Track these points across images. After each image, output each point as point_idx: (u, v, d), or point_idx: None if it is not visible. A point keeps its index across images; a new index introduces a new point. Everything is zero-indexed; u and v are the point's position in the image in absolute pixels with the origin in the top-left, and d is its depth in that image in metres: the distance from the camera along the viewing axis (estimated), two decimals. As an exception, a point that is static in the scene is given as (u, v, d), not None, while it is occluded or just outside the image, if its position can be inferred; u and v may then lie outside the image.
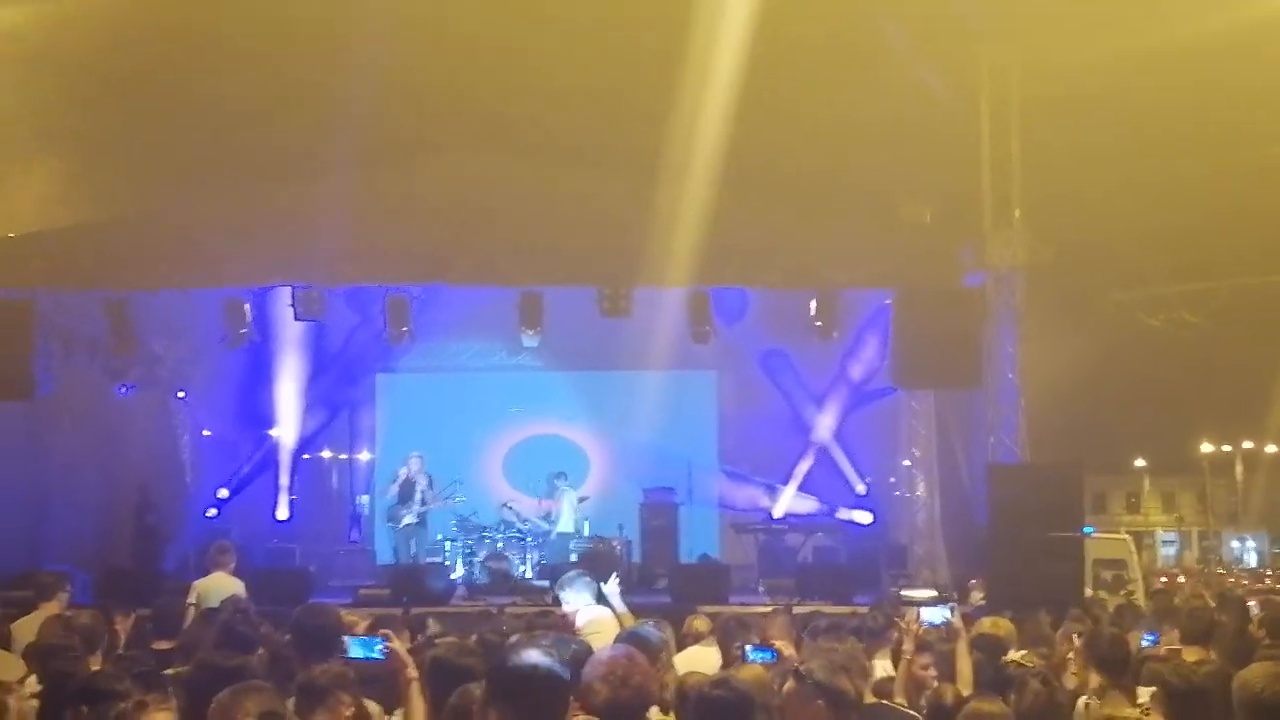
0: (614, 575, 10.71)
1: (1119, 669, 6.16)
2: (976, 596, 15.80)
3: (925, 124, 16.52)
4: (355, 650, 6.05)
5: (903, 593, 16.85)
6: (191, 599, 11.30)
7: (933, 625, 7.06)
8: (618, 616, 10.06)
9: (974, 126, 16.91)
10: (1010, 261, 16.99)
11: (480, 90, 15.63)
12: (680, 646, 8.83)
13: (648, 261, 16.09)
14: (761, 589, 17.90)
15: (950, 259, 17.73)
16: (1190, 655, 7.79)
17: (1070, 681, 6.93)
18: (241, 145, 16.40)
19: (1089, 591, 17.56)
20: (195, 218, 17.11)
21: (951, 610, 7.23)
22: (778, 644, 7.67)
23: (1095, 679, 6.22)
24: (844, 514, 20.71)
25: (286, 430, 20.78)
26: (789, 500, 20.99)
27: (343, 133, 15.39)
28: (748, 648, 7.36)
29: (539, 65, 15.23)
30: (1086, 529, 20.37)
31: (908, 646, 7.02)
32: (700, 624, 9.56)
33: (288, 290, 17.89)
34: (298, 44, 14.99)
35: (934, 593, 17.36)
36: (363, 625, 7.69)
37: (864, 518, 20.61)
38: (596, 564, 15.84)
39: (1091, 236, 18.83)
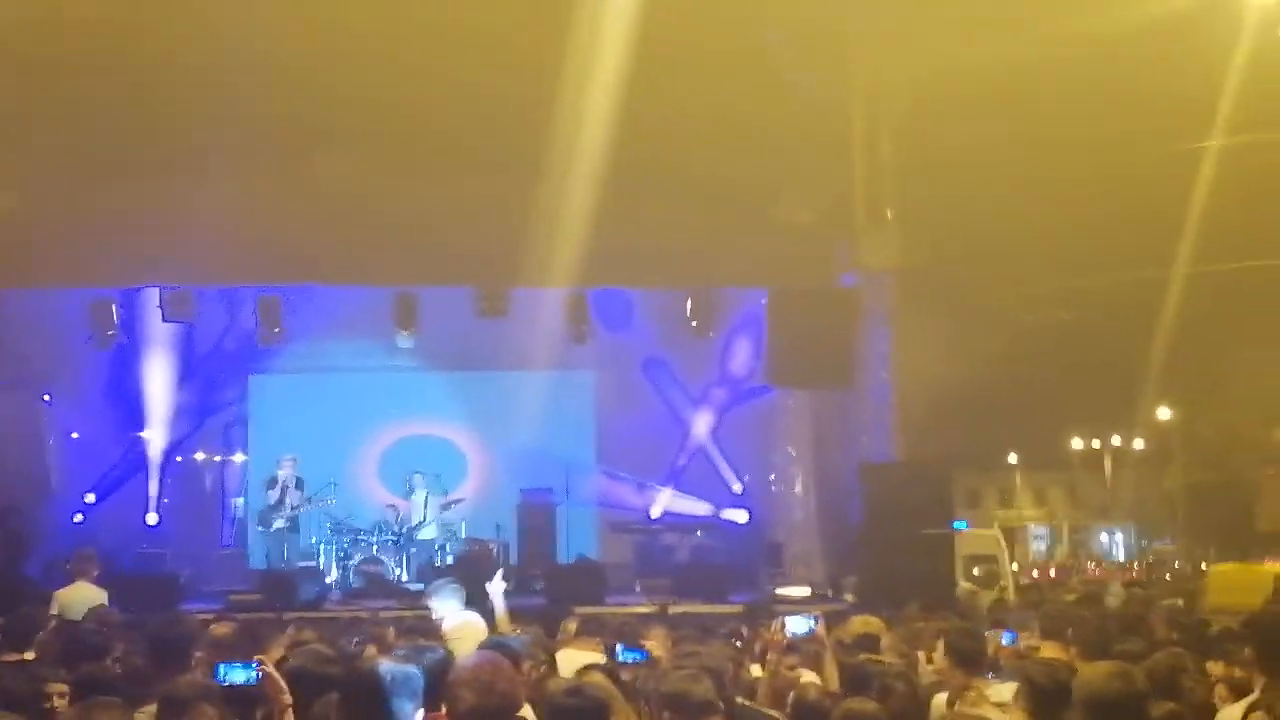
0: (499, 574, 10.68)
1: (975, 665, 6.25)
2: (850, 595, 16.01)
3: (802, 125, 16.67)
4: (230, 675, 5.93)
5: (778, 591, 17.01)
6: (54, 609, 11.02)
7: (796, 635, 7.10)
8: (495, 620, 10.02)
9: (849, 130, 17.11)
10: (884, 261, 17.23)
11: (357, 89, 15.46)
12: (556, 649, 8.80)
13: (526, 261, 16.02)
14: (639, 589, 17.93)
15: (825, 259, 17.93)
16: (1048, 651, 7.94)
17: (929, 677, 7.01)
18: (110, 142, 16.06)
19: (961, 587, 17.90)
20: (61, 215, 16.72)
21: (815, 620, 7.27)
22: (648, 644, 7.69)
23: (956, 675, 6.30)
24: (721, 513, 20.84)
25: (157, 433, 20.36)
26: (667, 500, 21.07)
27: (216, 131, 15.15)
28: (618, 647, 7.38)
29: (418, 65, 15.11)
30: (959, 524, 20.74)
31: (771, 656, 7.05)
32: (571, 625, 9.57)
33: (156, 291, 17.55)
34: (173, 38, 14.73)
35: (808, 590, 17.55)
36: (224, 630, 7.52)
37: (740, 516, 20.76)
38: (473, 566, 15.75)
39: (965, 236, 19.15)
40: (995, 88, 16.18)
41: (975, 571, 21.32)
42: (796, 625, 7.10)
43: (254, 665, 5.83)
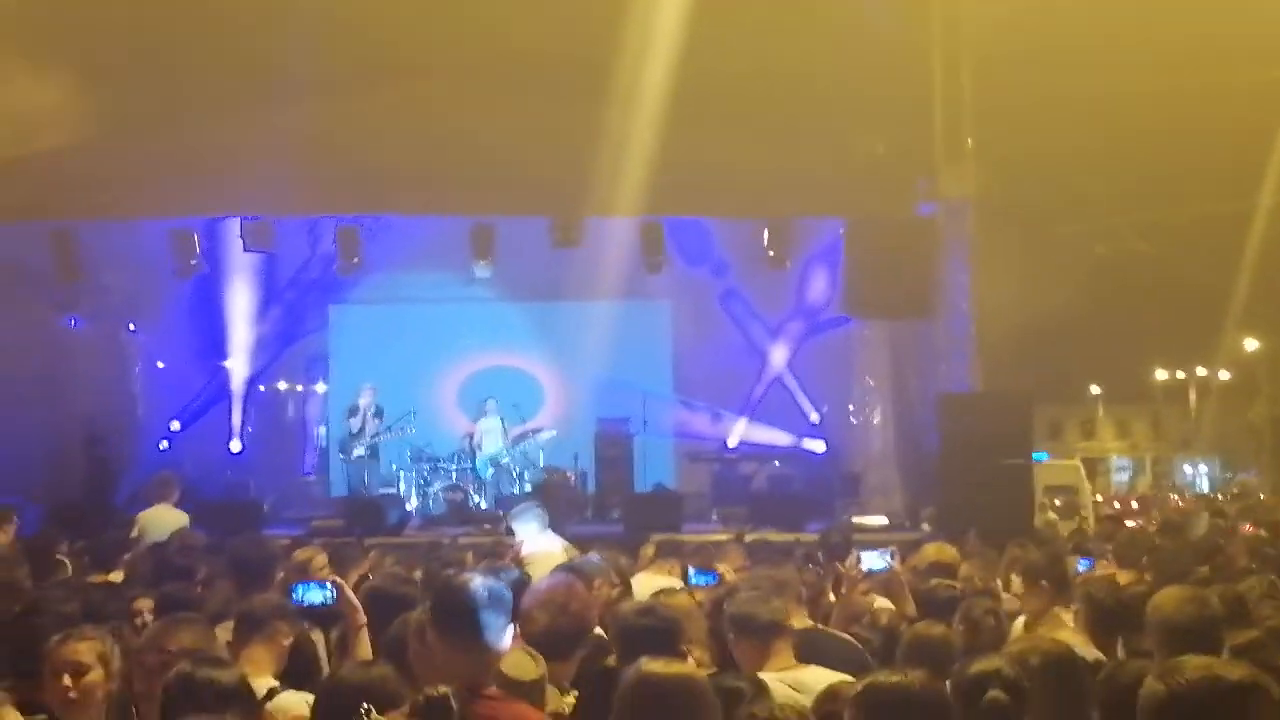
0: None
1: (1054, 590, 6.22)
2: (928, 524, 15.97)
3: (879, 54, 16.45)
4: (307, 595, 6.04)
5: (854, 520, 17.00)
6: (134, 532, 11.25)
7: (872, 571, 7.06)
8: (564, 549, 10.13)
9: (927, 56, 16.88)
10: (962, 191, 17.01)
11: (432, 17, 15.45)
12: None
13: (600, 191, 15.99)
14: (715, 517, 18.00)
15: (903, 189, 17.71)
16: (1124, 578, 7.90)
17: (1010, 604, 6.99)
18: (190, 74, 16.18)
19: (1039, 518, 17.79)
20: (142, 147, 16.84)
21: (891, 554, 7.25)
22: (721, 568, 7.74)
23: (1034, 601, 6.28)
24: (798, 442, 20.83)
25: (239, 362, 20.67)
26: (743, 430, 21.08)
27: (293, 61, 15.19)
28: (690, 570, 7.43)
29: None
30: (1039, 455, 20.57)
31: (846, 591, 7.04)
32: (649, 550, 9.66)
33: (236, 221, 17.73)
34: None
35: (885, 519, 17.54)
36: (319, 559, 7.62)
37: (817, 446, 20.74)
38: (551, 495, 15.90)
39: (1045, 167, 18.88)
40: (1080, 22, 15.89)
41: (1055, 502, 21.19)
42: (873, 561, 7.08)
43: (329, 585, 5.94)
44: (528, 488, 18.31)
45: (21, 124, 16.59)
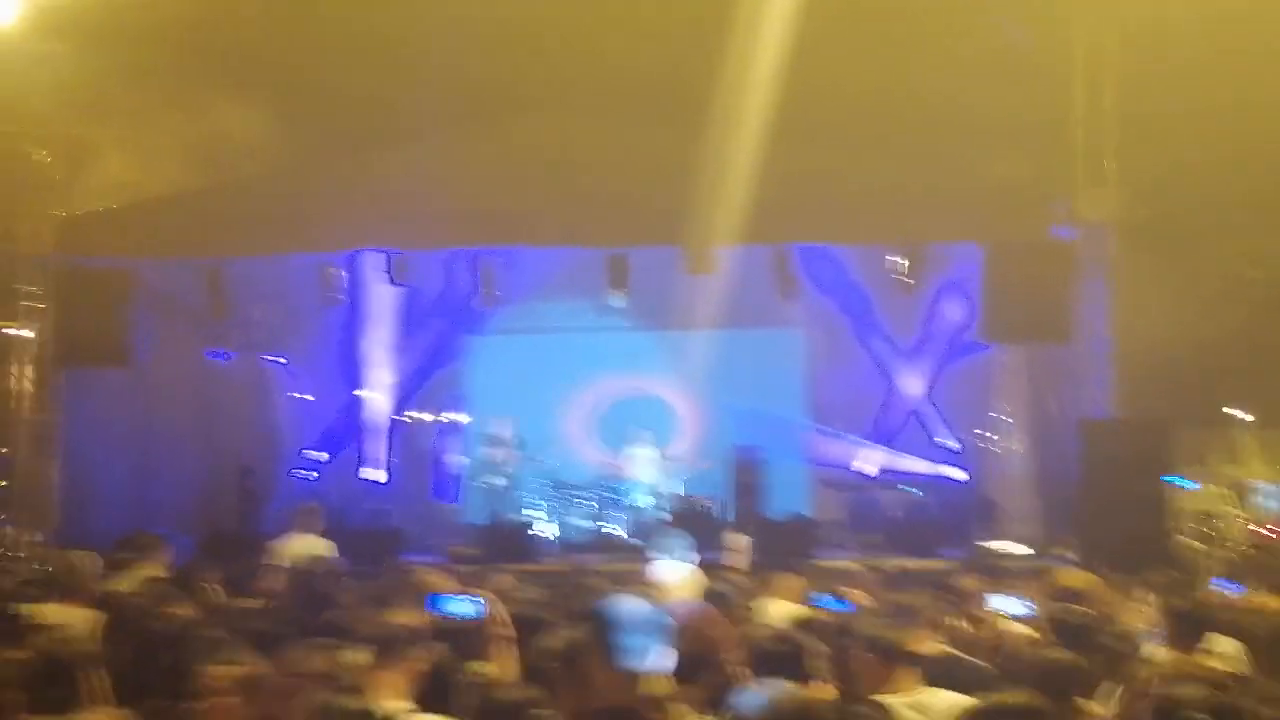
0: (744, 537, 10.96)
1: (1189, 619, 6.14)
2: (1068, 551, 15.74)
3: (1016, 75, 16.33)
4: (454, 607, 6.17)
5: (992, 545, 16.81)
6: (279, 561, 11.52)
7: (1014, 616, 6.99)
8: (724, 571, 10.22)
9: (1069, 83, 16.71)
10: (1102, 214, 16.80)
11: (556, 50, 15.70)
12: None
13: (732, 219, 16.07)
14: (851, 545, 17.91)
15: (1041, 212, 17.50)
16: (1276, 605, 7.75)
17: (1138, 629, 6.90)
18: (331, 112, 16.64)
19: (1190, 544, 17.43)
20: (287, 184, 17.38)
21: (1028, 604, 7.19)
22: (854, 595, 7.75)
23: (1166, 629, 6.20)
24: (935, 470, 20.64)
25: (382, 393, 21.11)
26: (880, 457, 20.95)
27: (425, 98, 15.56)
28: (825, 598, 7.46)
29: (615, 23, 15.25)
30: (1184, 481, 20.14)
31: (984, 634, 6.99)
32: (788, 580, 9.66)
33: (379, 255, 18.13)
34: (386, 8, 15.15)
35: (1025, 548, 17.30)
36: (447, 583, 7.81)
37: (956, 474, 20.53)
38: (688, 523, 15.94)
39: (1187, 189, 18.51)
40: (1221, 39, 15.60)
41: (1200, 529, 20.70)
42: (1006, 605, 7.03)
43: (478, 599, 6.08)
44: (666, 516, 18.37)
45: (172, 164, 17.19)
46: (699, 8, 14.85)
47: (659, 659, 4.51)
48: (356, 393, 21.18)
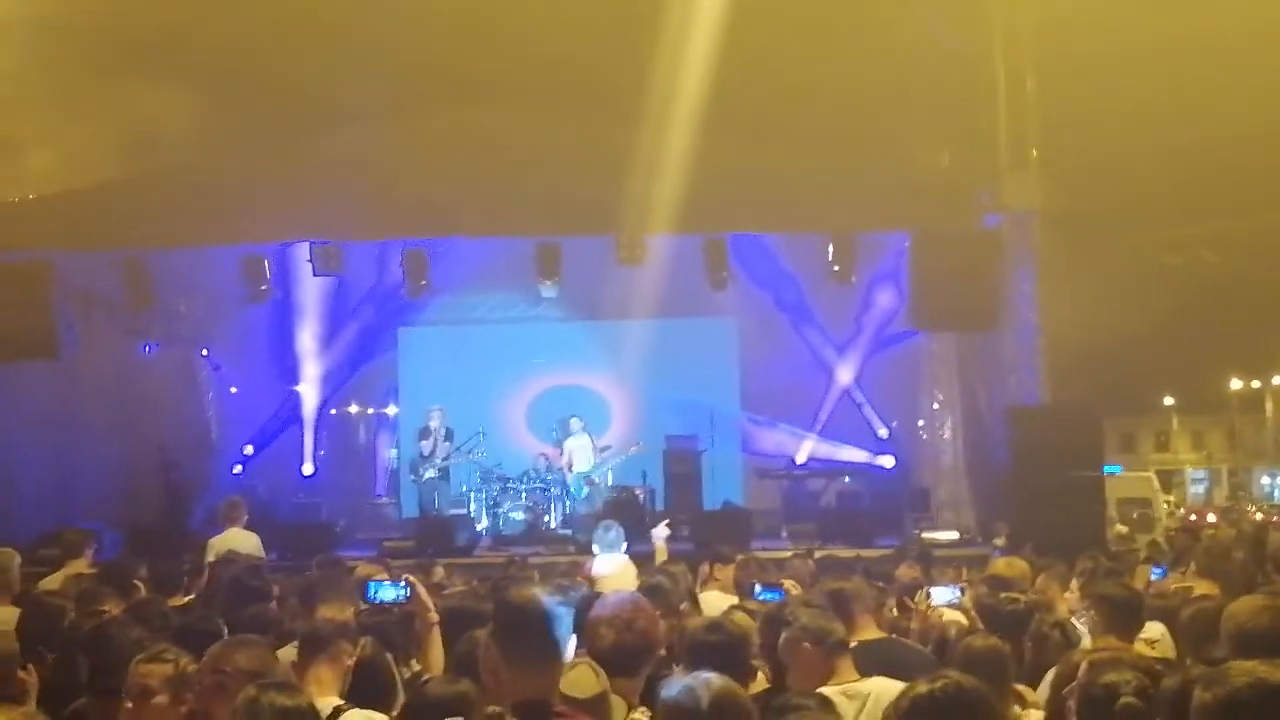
0: (664, 522, 10.97)
1: (1118, 606, 6.16)
2: (1001, 540, 15.85)
3: (940, 66, 16.41)
4: (380, 593, 6.13)
5: (925, 535, 16.91)
6: (210, 556, 11.38)
7: (947, 604, 7.03)
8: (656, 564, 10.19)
9: (991, 71, 16.81)
10: (1028, 202, 16.91)
11: (490, 42, 15.60)
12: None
13: (664, 209, 16.04)
14: (785, 534, 17.96)
15: (967, 201, 17.60)
16: (1202, 588, 7.82)
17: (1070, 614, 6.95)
18: (254, 101, 16.43)
19: (1117, 530, 17.62)
20: (211, 175, 17.15)
21: (961, 591, 7.23)
22: (787, 584, 7.74)
23: (1096, 616, 6.22)
24: (867, 458, 20.76)
25: (310, 386, 20.93)
26: (812, 446, 21.04)
27: (355, 87, 15.41)
28: (756, 587, 7.44)
29: (549, 14, 15.18)
30: (1112, 468, 20.37)
31: (915, 625, 7.00)
32: (723, 570, 9.64)
33: (306, 246, 17.95)
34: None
35: (956, 534, 17.43)
36: (381, 575, 7.74)
37: (887, 461, 20.66)
38: (621, 513, 15.92)
39: (1110, 177, 18.72)
40: (1139, 27, 15.76)
41: (1134, 515, 20.99)
42: (943, 596, 7.07)
43: (403, 583, 6.03)
44: (597, 507, 18.33)
45: (93, 154, 16.91)
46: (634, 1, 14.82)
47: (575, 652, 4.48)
48: (286, 385, 20.97)
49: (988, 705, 3.84)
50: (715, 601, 8.25)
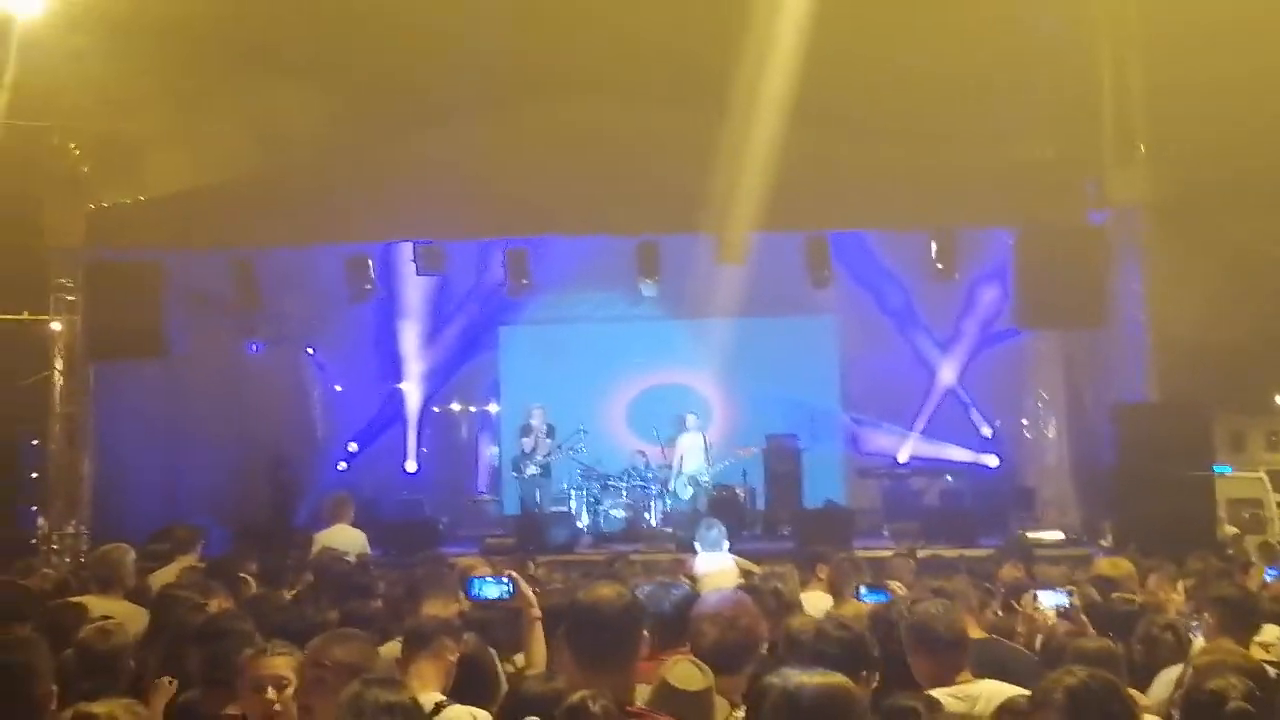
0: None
1: (1234, 608, 6.03)
2: (1106, 540, 15.62)
3: (1045, 59, 16.19)
4: (483, 589, 6.16)
5: (1030, 535, 16.69)
6: (314, 551, 11.51)
7: (1056, 608, 6.86)
8: (740, 565, 10.17)
9: (1096, 61, 16.54)
10: (1134, 197, 16.63)
11: (586, 36, 15.62)
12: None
13: (764, 206, 15.97)
14: (886, 533, 17.81)
15: (1073, 196, 17.34)
16: (1316, 593, 7.65)
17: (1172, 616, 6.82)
18: (359, 102, 16.62)
19: (1226, 530, 17.27)
20: (315, 176, 17.40)
21: (1070, 595, 7.08)
22: (892, 585, 7.67)
23: (1210, 618, 6.10)
24: (970, 457, 20.54)
25: (414, 384, 21.15)
26: (914, 445, 20.87)
27: (453, 85, 15.53)
28: (861, 588, 7.36)
29: (648, 8, 15.16)
30: (1221, 468, 19.97)
31: (1022, 629, 6.88)
32: (825, 570, 9.56)
33: (409, 246, 18.12)
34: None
35: (1061, 535, 17.17)
36: (479, 571, 7.80)
37: (991, 461, 20.43)
38: (722, 511, 15.88)
39: (1221, 170, 18.34)
40: (1251, 14, 15.40)
41: (1241, 515, 20.58)
42: (1052, 599, 6.91)
43: (505, 579, 6.05)
44: (699, 505, 18.32)
45: (201, 156, 17.22)
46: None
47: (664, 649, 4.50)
48: (389, 383, 21.21)
49: (1129, 700, 3.79)
50: (818, 602, 8.21)
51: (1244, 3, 15.04)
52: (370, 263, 18.31)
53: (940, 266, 17.85)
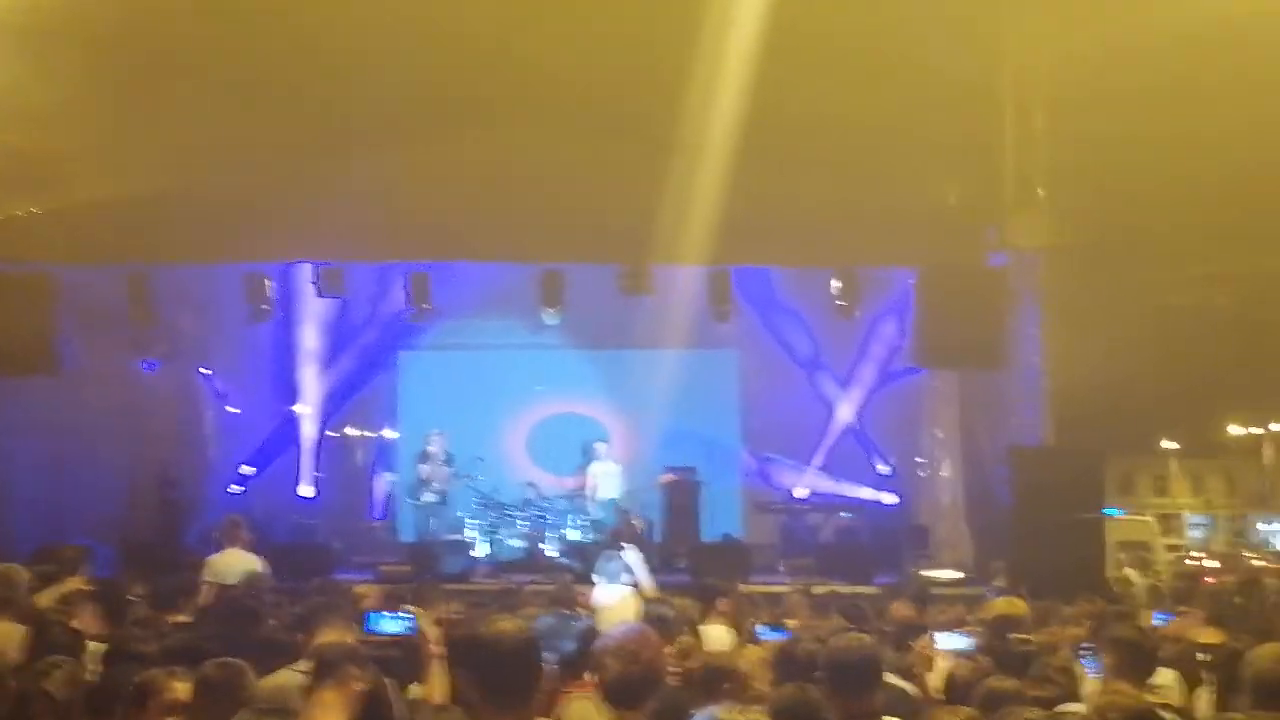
0: (630, 547, 10.85)
1: (1132, 650, 6.09)
2: (999, 579, 15.78)
3: (949, 101, 16.38)
4: (382, 625, 6.04)
5: (924, 573, 16.84)
6: (207, 576, 11.30)
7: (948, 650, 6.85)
8: (640, 592, 10.12)
9: (1000, 108, 16.79)
10: (1034, 241, 16.90)
11: (499, 66, 15.56)
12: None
13: (669, 239, 16.01)
14: (782, 568, 17.88)
15: (974, 238, 17.62)
16: (1207, 636, 7.76)
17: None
18: (262, 120, 16.37)
19: (1116, 574, 17.55)
20: (216, 193, 17.09)
21: (971, 637, 7.08)
22: (790, 623, 7.67)
23: (1107, 659, 6.15)
24: (867, 494, 20.69)
25: (310, 406, 20.87)
26: (812, 480, 20.96)
27: (363, 109, 15.41)
28: (758, 626, 7.35)
29: (562, 38, 15.13)
30: (1112, 511, 20.31)
31: (919, 669, 6.89)
32: (724, 604, 9.55)
33: (309, 267, 17.93)
34: (320, 18, 14.95)
35: (958, 574, 17.34)
36: (373, 598, 7.69)
37: (887, 498, 20.59)
38: (619, 543, 15.83)
39: (1117, 218, 18.66)
40: (1150, 66, 15.71)
41: (1128, 558, 20.94)
42: (950, 642, 6.90)
43: (409, 616, 5.94)
44: (593, 536, 18.26)
45: (97, 169, 16.89)
46: (644, 29, 14.76)
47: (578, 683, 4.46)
48: (285, 405, 20.91)
49: None
50: (718, 635, 8.18)
51: (1146, 63, 15.33)
52: (269, 283, 18.08)
53: (842, 304, 18.02)
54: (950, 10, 15.40)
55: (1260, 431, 58.52)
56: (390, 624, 5.92)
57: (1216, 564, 32.24)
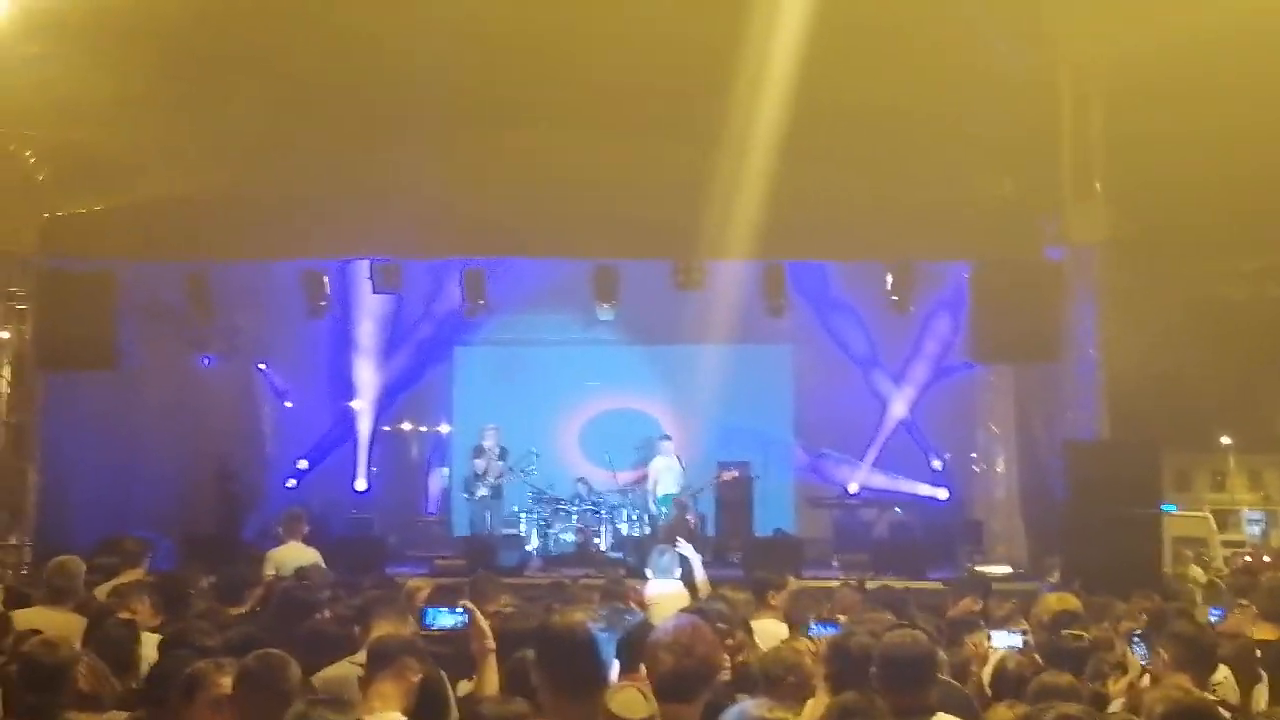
0: (684, 541, 10.88)
1: (1192, 645, 6.03)
2: (1054, 574, 15.70)
3: (1005, 95, 16.28)
4: (438, 619, 6.12)
5: (978, 569, 16.76)
6: (269, 570, 11.44)
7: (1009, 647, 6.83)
8: (693, 587, 10.14)
9: (1058, 101, 16.67)
10: (1091, 235, 16.76)
11: (553, 65, 15.58)
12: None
13: (723, 234, 16.01)
14: (835, 564, 17.85)
15: (1030, 232, 17.50)
16: (1264, 633, 7.69)
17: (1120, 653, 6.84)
18: (320, 118, 16.51)
19: (1180, 569, 17.41)
20: (274, 190, 17.25)
21: (1024, 635, 7.07)
22: (842, 619, 7.66)
23: (1166, 654, 6.11)
24: (921, 489, 20.62)
25: (366, 402, 21.02)
26: (865, 476, 20.92)
27: (419, 105, 15.46)
28: (811, 622, 7.35)
29: (611, 38, 15.15)
30: (1168, 506, 20.13)
31: (975, 668, 6.87)
32: (776, 598, 9.56)
33: (366, 263, 18.06)
34: (378, 17, 15.04)
35: (1009, 569, 17.26)
36: (426, 591, 7.76)
37: (940, 493, 20.51)
38: (672, 538, 15.87)
39: (1176, 210, 18.49)
40: (1207, 61, 15.56)
41: (1186, 554, 20.74)
42: (1004, 640, 6.90)
43: (460, 610, 6.01)
44: (648, 530, 18.31)
45: (158, 166, 17.08)
46: (694, 25, 14.76)
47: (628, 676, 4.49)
48: (342, 401, 21.08)
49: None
50: (770, 629, 8.19)
51: (1203, 55, 15.18)
52: (325, 279, 18.24)
53: (896, 299, 17.97)
54: (1005, 3, 15.29)
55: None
56: (447, 618, 6.00)
57: (1269, 559, 31.99)
